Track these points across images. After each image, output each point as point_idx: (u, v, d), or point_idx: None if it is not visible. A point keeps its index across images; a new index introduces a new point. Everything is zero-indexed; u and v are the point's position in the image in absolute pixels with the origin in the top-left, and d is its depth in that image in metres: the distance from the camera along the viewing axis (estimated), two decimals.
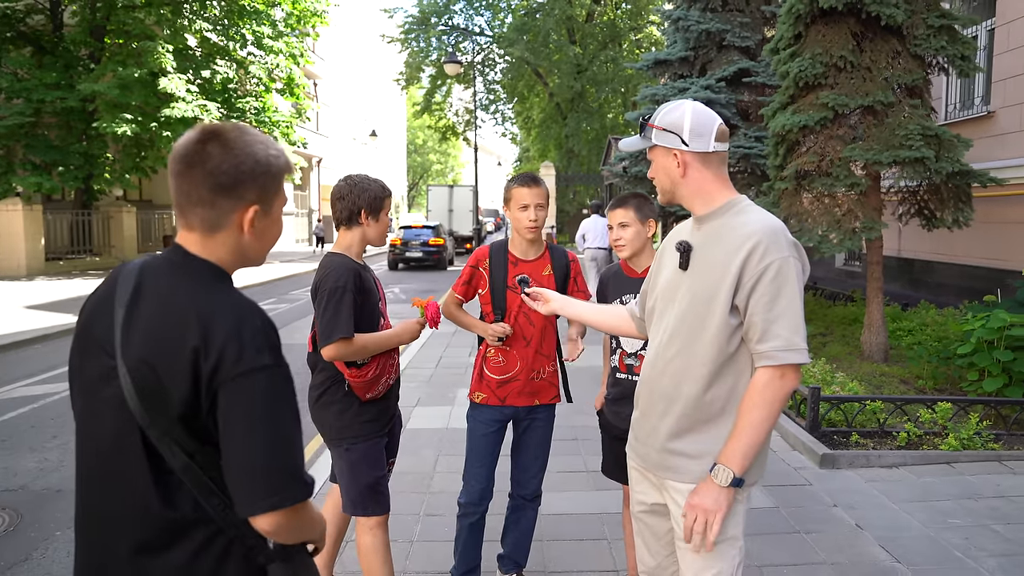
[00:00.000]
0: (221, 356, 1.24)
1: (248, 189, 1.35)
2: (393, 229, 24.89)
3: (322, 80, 35.27)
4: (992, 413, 5.33)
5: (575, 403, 3.41)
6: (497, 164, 76.56)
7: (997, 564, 3.46)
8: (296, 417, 1.32)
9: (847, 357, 7.53)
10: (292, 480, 1.28)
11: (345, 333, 2.49)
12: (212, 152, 1.32)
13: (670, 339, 1.97)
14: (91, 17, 18.42)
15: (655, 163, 2.02)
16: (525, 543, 3.20)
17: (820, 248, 6.99)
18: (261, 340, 1.28)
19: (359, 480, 2.69)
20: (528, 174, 3.00)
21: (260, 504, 1.25)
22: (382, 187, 2.75)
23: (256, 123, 20.16)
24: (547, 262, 3.02)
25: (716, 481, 1.84)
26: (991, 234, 8.89)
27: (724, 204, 1.96)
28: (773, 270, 1.82)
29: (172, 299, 1.31)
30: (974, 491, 4.36)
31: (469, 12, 34.84)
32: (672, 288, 2.00)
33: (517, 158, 48.59)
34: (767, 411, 1.83)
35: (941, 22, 6.84)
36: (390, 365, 2.72)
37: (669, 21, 11.69)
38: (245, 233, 1.38)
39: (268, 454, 1.25)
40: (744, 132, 10.61)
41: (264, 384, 1.27)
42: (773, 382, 1.83)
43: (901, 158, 6.58)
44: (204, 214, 1.34)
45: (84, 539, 1.37)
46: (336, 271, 2.58)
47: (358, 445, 2.69)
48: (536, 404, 3.05)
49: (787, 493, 4.37)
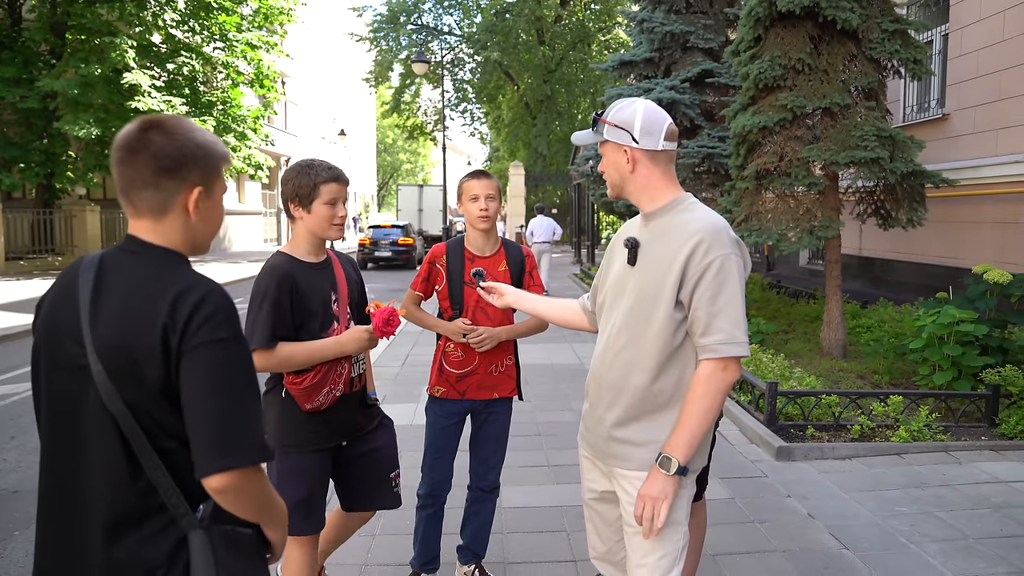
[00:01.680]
0: (185, 329, 1.32)
1: (191, 171, 1.42)
2: (363, 228, 24.80)
3: (290, 78, 34.95)
4: (942, 406, 5.50)
5: (540, 400, 3.46)
6: (467, 164, 76.36)
7: (939, 548, 3.59)
8: (253, 389, 1.40)
9: (807, 353, 7.70)
10: (244, 444, 1.34)
11: (258, 343, 2.32)
12: (154, 139, 1.39)
13: (618, 332, 2.04)
14: (50, 12, 18.06)
15: (606, 158, 2.09)
16: (484, 534, 3.25)
17: (779, 246, 7.15)
18: (221, 316, 1.36)
19: (286, 494, 2.29)
20: (478, 170, 3.08)
21: (213, 464, 1.31)
22: (309, 172, 2.46)
23: (223, 118, 19.93)
24: (503, 258, 3.08)
25: (663, 470, 1.91)
26: (946, 233, 9.14)
27: (670, 202, 2.03)
28: (716, 266, 1.90)
29: (138, 284, 1.37)
30: (921, 480, 4.51)
31: (438, 11, 34.83)
32: (621, 283, 2.07)
33: (487, 158, 48.64)
34: (710, 402, 1.91)
35: (895, 27, 7.03)
36: (336, 375, 2.47)
37: (634, 23, 11.84)
38: (191, 215, 1.44)
39: (222, 419, 1.33)
40: (708, 132, 10.78)
41: (221, 355, 1.34)
42: (716, 374, 1.91)
43: (857, 159, 6.76)
44: (150, 197, 1.40)
45: (53, 520, 1.41)
46: (260, 275, 2.44)
47: (291, 456, 2.48)
48: (495, 397, 3.10)
49: (743, 485, 4.49)
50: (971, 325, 5.68)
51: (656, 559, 1.97)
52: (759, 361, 6.52)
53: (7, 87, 16.76)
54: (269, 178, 29.53)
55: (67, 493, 1.39)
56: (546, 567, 3.45)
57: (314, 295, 2.47)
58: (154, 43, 19.53)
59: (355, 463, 2.68)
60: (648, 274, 1.99)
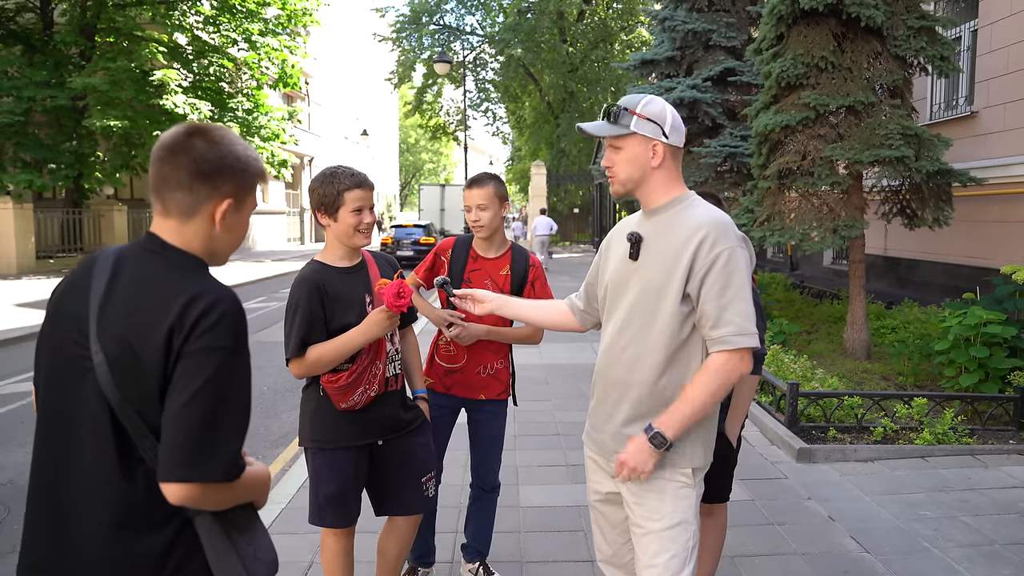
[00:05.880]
0: (190, 332, 1.31)
1: (226, 181, 1.43)
2: (386, 227, 24.98)
3: (314, 79, 35.22)
4: (968, 409, 5.41)
5: (559, 400, 3.46)
6: (489, 163, 76.60)
7: (964, 554, 3.54)
8: (241, 404, 1.37)
9: (830, 354, 7.61)
10: (210, 459, 1.30)
11: (291, 354, 2.42)
12: (197, 143, 1.41)
13: (622, 328, 2.04)
14: (81, 16, 18.40)
15: (625, 151, 2.01)
16: (486, 532, 3.28)
17: (802, 246, 7.07)
18: (227, 324, 1.35)
19: (320, 489, 2.56)
20: (474, 176, 3.06)
21: (172, 473, 1.29)
22: (333, 180, 2.48)
23: (246, 123, 20.14)
24: (507, 262, 3.07)
25: (649, 443, 1.91)
26: (974, 233, 8.99)
27: (677, 197, 2.04)
28: (724, 258, 1.89)
29: (151, 283, 1.37)
30: (946, 484, 4.45)
31: (460, 11, 34.93)
32: (622, 278, 2.05)
33: (509, 157, 48.67)
34: (716, 388, 1.90)
35: (921, 23, 6.92)
36: (371, 375, 2.51)
37: (656, 21, 11.77)
38: (216, 225, 1.44)
39: (196, 428, 1.29)
40: (730, 131, 10.69)
41: (216, 363, 1.32)
42: (728, 363, 1.90)
43: (882, 157, 6.66)
44: (181, 199, 1.42)
45: (41, 511, 1.40)
46: (292, 287, 2.51)
47: (325, 452, 2.55)
48: (482, 398, 3.09)
49: (763, 486, 4.45)
50: (999, 326, 5.58)
51: (666, 560, 1.96)
52: (781, 362, 6.46)
53: (38, 89, 17.10)
54: (293, 177, 29.82)
55: (59, 482, 1.38)
56: (563, 567, 3.45)
57: (346, 299, 2.50)
58: (180, 44, 19.80)
59: (388, 465, 2.66)
60: (652, 268, 1.98)
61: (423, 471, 2.71)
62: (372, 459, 2.65)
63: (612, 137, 2.02)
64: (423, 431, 2.74)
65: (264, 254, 27.86)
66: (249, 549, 1.43)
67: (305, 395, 2.62)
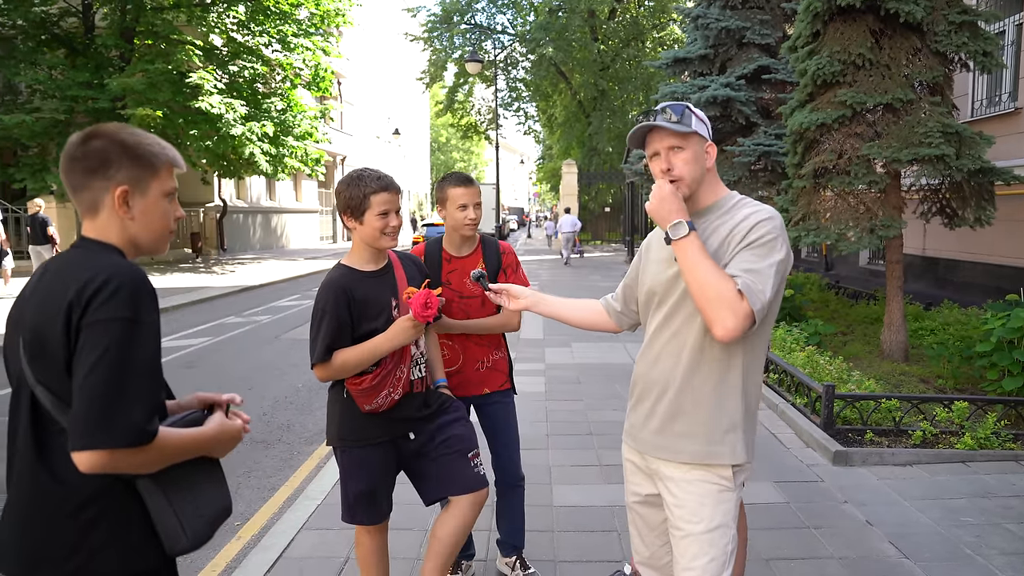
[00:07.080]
0: (86, 306, 1.36)
1: (117, 171, 1.50)
2: (417, 226, 25.13)
3: (346, 79, 35.56)
4: (1011, 413, 5.29)
5: (592, 400, 3.46)
6: (520, 162, 76.66)
7: (1007, 562, 3.46)
8: (146, 370, 1.38)
9: (867, 356, 7.49)
10: (112, 427, 1.31)
11: (316, 359, 2.44)
12: (87, 144, 1.50)
13: (663, 326, 2.04)
14: (121, 19, 18.83)
15: (687, 151, 1.96)
16: (519, 526, 3.30)
17: (838, 246, 6.97)
18: (123, 295, 1.37)
19: (350, 486, 2.60)
20: (461, 174, 3.07)
21: (76, 442, 1.32)
22: (359, 184, 2.47)
23: (280, 123, 20.39)
24: (479, 257, 3.11)
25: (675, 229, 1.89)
26: (1017, 232, 8.78)
27: (726, 196, 2.04)
28: (767, 238, 1.88)
29: (63, 272, 1.46)
30: (988, 490, 4.35)
31: (491, 11, 34.95)
32: (664, 278, 2.04)
33: (540, 156, 48.61)
34: (709, 277, 1.82)
35: (962, 18, 6.78)
36: (395, 379, 2.51)
37: (689, 19, 11.67)
38: (120, 211, 1.51)
39: (98, 398, 1.32)
40: (764, 130, 10.56)
41: (115, 333, 1.35)
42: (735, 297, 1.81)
43: (920, 156, 6.54)
44: (85, 197, 1.51)
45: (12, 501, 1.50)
46: (319, 292, 2.52)
47: (353, 451, 2.58)
48: (486, 392, 3.14)
49: (798, 489, 4.40)
50: None
51: (705, 563, 1.95)
52: (816, 363, 6.37)
53: (81, 89, 17.55)
54: (325, 176, 30.11)
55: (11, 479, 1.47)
56: (596, 567, 3.44)
57: (373, 305, 2.51)
58: (215, 46, 20.13)
59: (428, 447, 2.63)
60: None
61: (468, 445, 2.67)
62: (409, 451, 2.64)
63: (679, 136, 1.96)
64: (456, 409, 2.72)
65: (297, 252, 28.21)
66: (189, 507, 1.48)
67: (331, 395, 2.65)
